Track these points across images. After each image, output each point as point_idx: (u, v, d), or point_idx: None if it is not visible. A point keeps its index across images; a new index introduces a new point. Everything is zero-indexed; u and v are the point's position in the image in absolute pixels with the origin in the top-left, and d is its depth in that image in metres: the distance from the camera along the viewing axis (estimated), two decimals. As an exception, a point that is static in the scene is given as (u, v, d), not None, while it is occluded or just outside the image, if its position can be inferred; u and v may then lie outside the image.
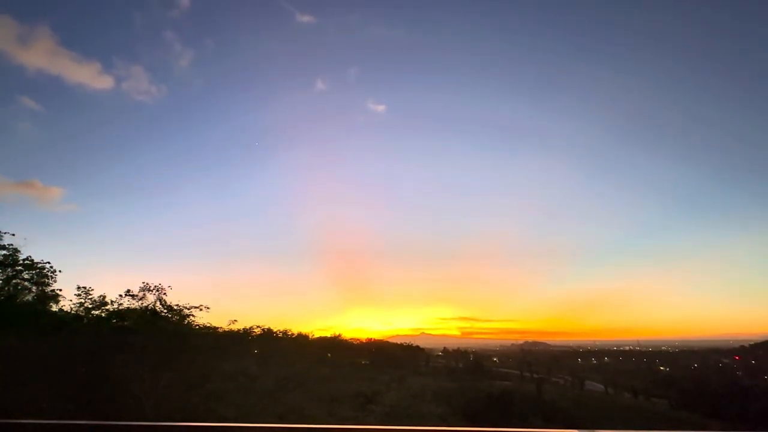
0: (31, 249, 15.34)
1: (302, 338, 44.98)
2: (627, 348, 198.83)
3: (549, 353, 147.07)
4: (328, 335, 58.41)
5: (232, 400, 18.04)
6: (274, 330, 36.13)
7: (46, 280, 15.47)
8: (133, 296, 16.56)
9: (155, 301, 16.92)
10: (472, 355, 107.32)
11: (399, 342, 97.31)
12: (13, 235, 14.82)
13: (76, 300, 15.73)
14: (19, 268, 14.94)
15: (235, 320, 27.48)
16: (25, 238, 15.10)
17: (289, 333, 41.96)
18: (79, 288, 15.78)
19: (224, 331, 26.84)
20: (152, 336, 15.40)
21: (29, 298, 15.46)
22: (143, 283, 16.86)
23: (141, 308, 16.52)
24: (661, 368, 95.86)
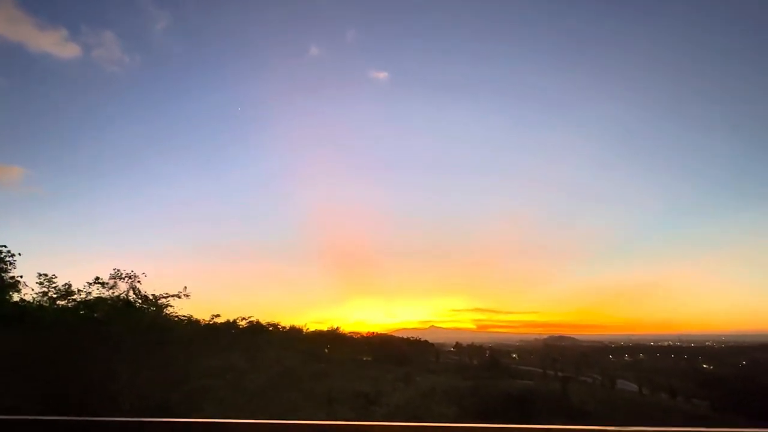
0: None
1: (295, 332, 45.99)
2: (666, 344, 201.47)
3: (576, 349, 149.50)
4: (324, 329, 59.51)
5: (219, 398, 18.67)
6: (263, 322, 36.95)
7: (4, 266, 15.73)
8: (102, 284, 16.89)
9: (128, 290, 17.28)
10: (488, 351, 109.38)
11: (405, 336, 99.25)
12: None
13: (38, 289, 16.03)
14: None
15: (218, 315, 28.14)
16: None
17: (280, 326, 42.91)
18: (40, 275, 16.02)
19: (207, 324, 27.51)
20: (127, 328, 15.80)
21: (-16, 285, 15.75)
22: (114, 270, 17.16)
23: (112, 298, 16.87)
24: (705, 366, 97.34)
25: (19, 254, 16.05)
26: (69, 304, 16.29)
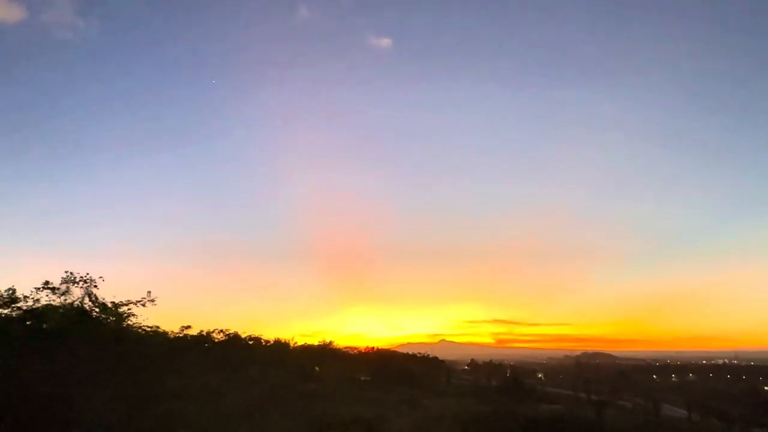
0: None
1: (280, 346, 46.27)
2: (720, 361, 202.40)
3: (614, 367, 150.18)
4: (315, 343, 60.17)
5: (192, 424, 18.83)
6: (242, 335, 37.23)
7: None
8: (53, 290, 16.96)
9: (83, 297, 17.35)
10: (509, 370, 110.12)
11: (411, 352, 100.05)
12: None
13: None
14: None
15: (189, 326, 28.29)
16: None
17: (262, 339, 43.25)
18: (-22, 279, 16.10)
19: (177, 336, 27.72)
20: (82, 342, 15.90)
21: None
22: (66, 272, 17.20)
23: (64, 306, 16.96)
24: (767, 388, 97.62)
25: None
26: (13, 313, 16.35)
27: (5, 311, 16.28)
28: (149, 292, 18.80)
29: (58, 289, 16.99)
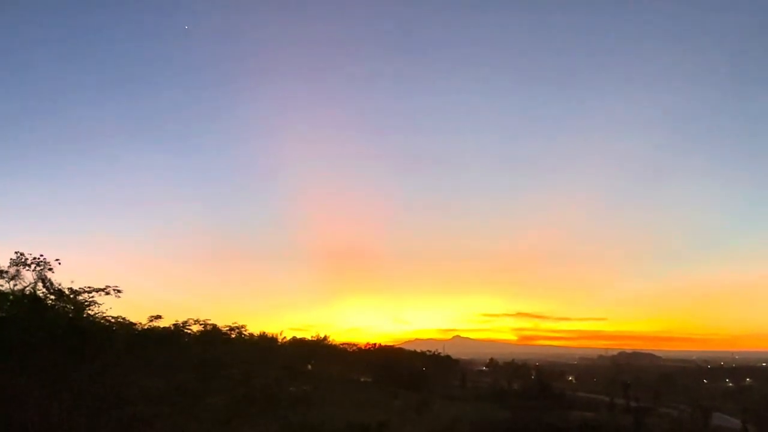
0: None
1: (267, 341, 46.74)
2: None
3: (657, 369, 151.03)
4: (308, 337, 61.09)
5: (163, 430, 19.07)
6: (222, 327, 37.50)
7: None
8: (0, 273, 17.03)
9: (35, 282, 17.41)
10: (534, 371, 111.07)
11: (420, 349, 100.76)
12: None
13: None
14: None
15: (159, 316, 28.34)
16: None
17: (246, 332, 43.60)
18: None
19: (147, 328, 27.89)
20: (35, 334, 15.98)
21: None
22: (16, 253, 17.23)
23: (14, 292, 17.03)
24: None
25: None
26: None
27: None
28: (118, 289, 18.87)
29: (7, 272, 17.06)
